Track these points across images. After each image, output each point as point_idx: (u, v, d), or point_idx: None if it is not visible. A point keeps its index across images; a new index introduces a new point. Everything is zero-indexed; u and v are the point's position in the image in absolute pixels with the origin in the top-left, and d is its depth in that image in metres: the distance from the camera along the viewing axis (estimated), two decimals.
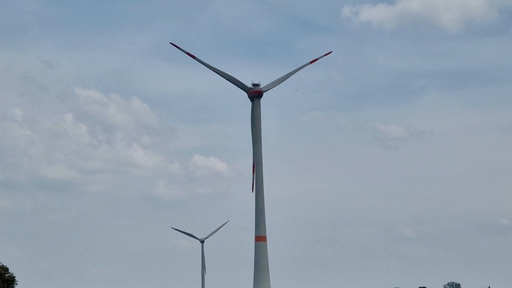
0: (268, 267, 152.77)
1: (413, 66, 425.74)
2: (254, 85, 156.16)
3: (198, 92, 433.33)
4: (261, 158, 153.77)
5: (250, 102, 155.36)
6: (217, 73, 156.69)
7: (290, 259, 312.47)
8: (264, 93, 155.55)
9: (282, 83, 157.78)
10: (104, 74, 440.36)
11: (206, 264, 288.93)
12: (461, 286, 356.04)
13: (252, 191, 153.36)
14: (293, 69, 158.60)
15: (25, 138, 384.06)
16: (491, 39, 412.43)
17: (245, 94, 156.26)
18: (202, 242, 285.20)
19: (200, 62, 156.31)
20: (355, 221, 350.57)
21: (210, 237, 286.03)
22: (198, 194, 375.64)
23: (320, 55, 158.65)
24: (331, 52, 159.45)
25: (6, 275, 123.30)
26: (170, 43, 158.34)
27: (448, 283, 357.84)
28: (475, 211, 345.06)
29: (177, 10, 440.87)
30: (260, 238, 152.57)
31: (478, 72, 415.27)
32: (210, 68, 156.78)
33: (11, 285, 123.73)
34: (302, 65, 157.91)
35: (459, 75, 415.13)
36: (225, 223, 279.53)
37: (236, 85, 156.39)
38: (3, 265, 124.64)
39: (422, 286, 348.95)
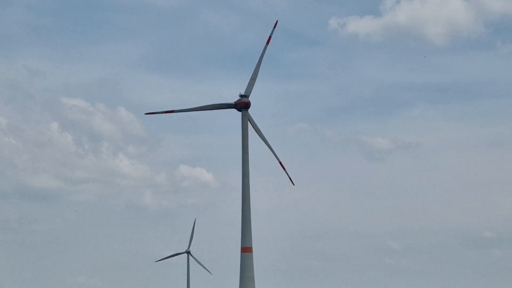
0: (253, 279, 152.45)
1: (399, 79, 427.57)
2: (241, 96, 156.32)
3: (185, 103, 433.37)
4: (248, 169, 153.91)
5: (239, 113, 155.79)
6: (201, 109, 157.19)
7: (276, 271, 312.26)
8: (252, 104, 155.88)
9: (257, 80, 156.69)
10: (90, 83, 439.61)
11: (190, 274, 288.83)
12: None
13: (293, 184, 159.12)
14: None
15: (10, 147, 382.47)
16: (477, 53, 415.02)
17: (232, 105, 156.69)
18: (188, 253, 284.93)
19: (181, 111, 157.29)
20: (341, 233, 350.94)
21: (195, 246, 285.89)
22: (185, 205, 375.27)
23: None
24: (277, 21, 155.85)
25: None
26: (145, 113, 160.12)
27: None
28: (460, 224, 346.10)
29: (165, 21, 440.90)
30: (246, 249, 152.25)
31: (464, 86, 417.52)
32: (192, 110, 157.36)
33: None
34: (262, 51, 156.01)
35: (445, 88, 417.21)
36: (194, 223, 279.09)
37: (223, 107, 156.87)
38: None
39: None
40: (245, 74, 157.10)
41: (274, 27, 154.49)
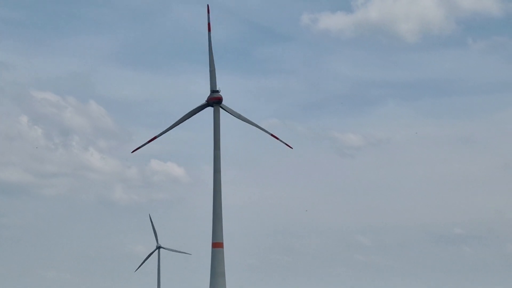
0: (224, 274, 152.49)
1: (371, 76, 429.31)
2: (213, 91, 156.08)
3: (156, 97, 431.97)
4: (220, 165, 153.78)
5: (211, 108, 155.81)
6: (181, 122, 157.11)
7: (247, 266, 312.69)
8: (224, 100, 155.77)
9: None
10: (61, 77, 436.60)
11: (161, 270, 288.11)
12: None
13: (292, 148, 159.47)
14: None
15: None
16: (449, 50, 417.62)
17: (205, 104, 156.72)
18: (159, 248, 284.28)
19: (162, 134, 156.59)
20: (312, 229, 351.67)
21: (166, 243, 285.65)
22: (156, 200, 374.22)
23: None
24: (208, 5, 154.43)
25: None
26: (132, 151, 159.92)
27: None
28: (430, 220, 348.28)
29: (137, 15, 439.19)
30: (217, 245, 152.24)
31: (435, 83, 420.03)
32: (173, 127, 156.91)
33: None
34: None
35: (416, 86, 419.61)
36: (150, 218, 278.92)
37: (198, 111, 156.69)
38: None
39: None
40: (216, 69, 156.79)
41: (208, 12, 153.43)
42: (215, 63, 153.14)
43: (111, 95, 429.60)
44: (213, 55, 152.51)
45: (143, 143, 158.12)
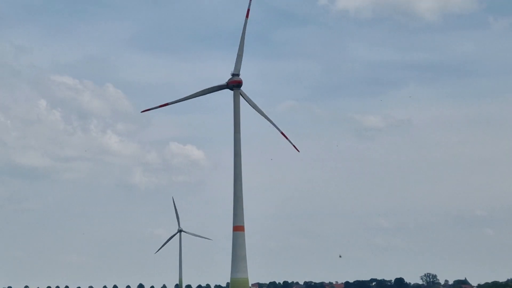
0: (245, 257, 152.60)
1: (391, 58, 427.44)
2: (233, 75, 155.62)
3: (175, 81, 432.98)
4: (240, 148, 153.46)
5: (231, 92, 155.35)
6: (195, 96, 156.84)
7: (268, 249, 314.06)
8: (244, 83, 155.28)
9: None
10: (78, 61, 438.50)
11: (182, 253, 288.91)
12: (437, 277, 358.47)
13: (299, 151, 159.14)
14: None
15: None
16: (469, 30, 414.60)
17: (225, 85, 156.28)
18: (180, 231, 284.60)
19: (175, 102, 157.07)
20: (331, 211, 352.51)
21: (187, 227, 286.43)
22: (175, 183, 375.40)
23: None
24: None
25: None
26: (142, 111, 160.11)
27: (425, 274, 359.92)
28: (451, 202, 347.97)
29: (155, 0, 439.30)
30: (238, 228, 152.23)
31: (456, 65, 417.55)
32: (186, 99, 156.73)
33: None
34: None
35: (436, 67, 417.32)
36: (173, 202, 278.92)
37: (216, 90, 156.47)
38: None
39: (399, 277, 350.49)
40: (235, 53, 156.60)
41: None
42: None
43: (130, 78, 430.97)
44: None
45: (156, 107, 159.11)
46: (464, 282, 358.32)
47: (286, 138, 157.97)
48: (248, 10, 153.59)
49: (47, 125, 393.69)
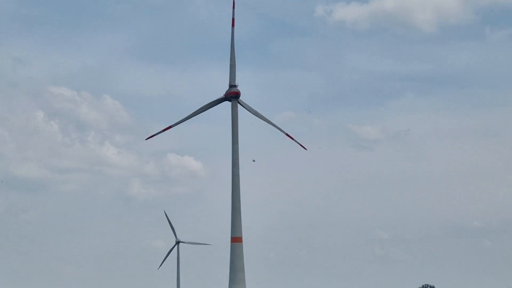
0: (243, 269, 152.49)
1: (388, 68, 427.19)
2: (231, 86, 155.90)
3: (173, 92, 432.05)
4: (238, 159, 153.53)
5: (229, 103, 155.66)
6: (196, 114, 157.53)
7: (266, 261, 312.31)
8: (241, 94, 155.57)
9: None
10: (76, 73, 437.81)
11: (180, 264, 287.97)
12: None
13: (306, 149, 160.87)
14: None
15: None
16: (466, 42, 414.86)
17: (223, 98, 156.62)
18: (178, 243, 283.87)
19: (178, 124, 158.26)
20: (330, 222, 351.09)
21: (185, 238, 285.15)
22: (174, 194, 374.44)
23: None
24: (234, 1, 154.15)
25: None
26: (146, 138, 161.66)
27: (423, 285, 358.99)
28: (449, 213, 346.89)
29: (154, 11, 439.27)
30: (236, 239, 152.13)
31: (454, 76, 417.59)
32: (188, 118, 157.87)
33: None
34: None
35: (434, 78, 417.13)
36: (166, 215, 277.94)
37: (215, 104, 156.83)
38: None
39: None
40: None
41: (233, 7, 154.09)
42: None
43: (127, 90, 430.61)
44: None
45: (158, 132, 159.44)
46: None
47: (292, 138, 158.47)
48: (233, 19, 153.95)
49: (44, 137, 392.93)
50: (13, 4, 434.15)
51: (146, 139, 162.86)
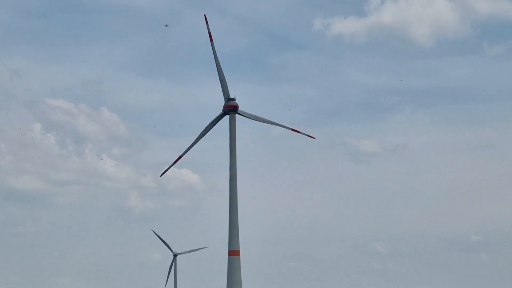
0: (241, 282, 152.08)
1: (386, 82, 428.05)
2: (229, 99, 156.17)
3: (170, 105, 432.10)
4: (236, 172, 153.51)
5: (227, 116, 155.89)
6: (201, 137, 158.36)
7: (263, 274, 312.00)
8: (240, 107, 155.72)
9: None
10: (73, 85, 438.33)
11: (178, 278, 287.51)
12: None
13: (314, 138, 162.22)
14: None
15: None
16: (464, 56, 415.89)
17: (220, 108, 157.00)
18: (175, 256, 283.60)
19: (187, 151, 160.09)
20: (327, 236, 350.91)
21: (182, 249, 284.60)
22: (171, 207, 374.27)
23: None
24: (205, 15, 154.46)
25: None
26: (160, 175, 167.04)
27: None
28: (447, 227, 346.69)
29: (152, 24, 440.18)
30: (233, 253, 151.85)
31: (451, 90, 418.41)
32: (194, 144, 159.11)
33: None
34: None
35: (432, 92, 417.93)
36: (155, 232, 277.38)
37: (216, 122, 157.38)
38: None
39: None
40: (231, 77, 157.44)
41: (206, 22, 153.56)
42: (224, 71, 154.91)
43: (125, 102, 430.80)
44: (221, 64, 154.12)
45: (168, 165, 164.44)
46: None
47: (299, 132, 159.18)
48: (210, 34, 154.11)
49: (42, 149, 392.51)
50: (11, 16, 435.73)
51: (160, 176, 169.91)
